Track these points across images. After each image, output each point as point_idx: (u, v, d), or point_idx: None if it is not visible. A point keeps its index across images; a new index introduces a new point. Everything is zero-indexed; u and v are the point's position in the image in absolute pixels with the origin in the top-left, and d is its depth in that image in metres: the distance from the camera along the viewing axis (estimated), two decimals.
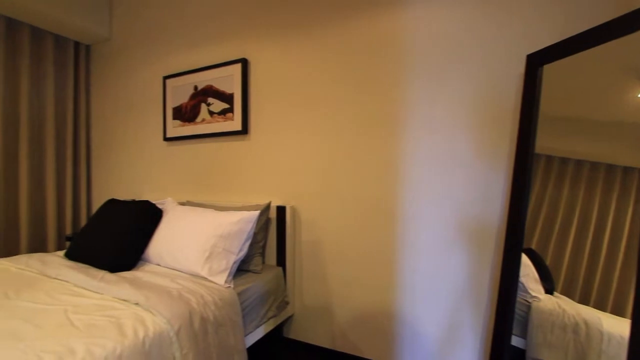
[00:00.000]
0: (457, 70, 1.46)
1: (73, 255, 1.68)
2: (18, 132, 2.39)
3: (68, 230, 2.65)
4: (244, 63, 1.95)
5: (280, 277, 1.77)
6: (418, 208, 1.55)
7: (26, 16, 2.29)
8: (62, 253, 1.83)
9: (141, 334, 1.02)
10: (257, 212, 1.58)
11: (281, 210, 1.81)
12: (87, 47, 2.80)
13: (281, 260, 1.83)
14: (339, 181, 1.73)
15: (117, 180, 2.68)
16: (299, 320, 1.88)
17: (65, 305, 1.16)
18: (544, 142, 1.24)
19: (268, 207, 1.77)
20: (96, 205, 2.83)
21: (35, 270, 1.53)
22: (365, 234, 1.67)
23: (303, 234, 1.84)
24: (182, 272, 1.53)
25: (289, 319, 1.89)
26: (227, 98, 2.01)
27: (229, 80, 2.00)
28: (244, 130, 1.96)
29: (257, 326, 1.57)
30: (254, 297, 1.54)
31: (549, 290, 1.22)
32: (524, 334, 1.27)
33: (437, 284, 1.51)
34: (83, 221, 2.77)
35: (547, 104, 1.23)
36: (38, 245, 2.50)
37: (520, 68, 1.34)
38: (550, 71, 1.22)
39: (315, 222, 1.80)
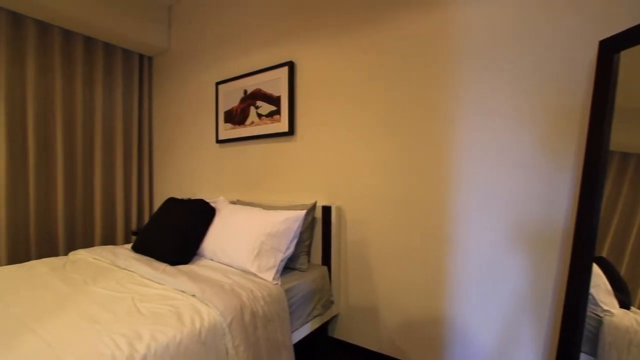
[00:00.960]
0: (515, 61, 1.36)
1: (138, 248, 1.84)
2: (94, 138, 2.69)
3: (133, 226, 2.93)
4: (291, 66, 2.00)
5: (325, 276, 1.79)
6: (471, 209, 1.46)
7: (101, 34, 2.57)
8: (129, 246, 2.02)
9: (198, 324, 1.09)
10: (303, 212, 1.61)
11: (327, 210, 1.82)
12: (150, 59, 3.06)
13: (326, 260, 1.84)
14: (386, 181, 1.70)
15: (175, 180, 2.89)
16: (344, 320, 1.88)
17: (133, 293, 1.28)
18: (620, 138, 1.11)
19: (314, 206, 1.79)
20: (157, 202, 3.08)
21: (108, 261, 1.71)
22: (413, 236, 1.62)
23: (349, 233, 1.84)
24: (233, 267, 1.61)
25: (334, 318, 1.90)
26: (275, 100, 2.08)
27: (276, 83, 2.06)
28: (291, 132, 2.01)
29: (303, 324, 1.60)
30: (300, 295, 1.57)
31: (625, 304, 1.09)
32: (593, 352, 1.14)
33: (492, 291, 1.42)
34: (146, 217, 3.04)
35: (625, 95, 1.10)
36: (109, 239, 2.79)
37: (590, 55, 1.21)
38: (628, 58, 1.09)
39: (361, 222, 1.79)
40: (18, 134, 2.29)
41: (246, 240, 1.57)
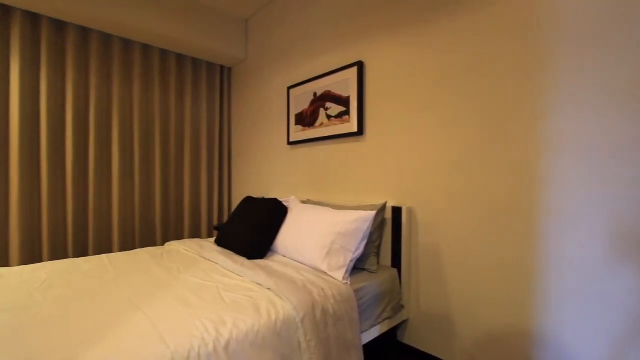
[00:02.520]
0: (622, 32, 1.16)
1: (221, 242, 2.02)
2: (184, 143, 3.04)
3: (215, 221, 3.22)
4: (360, 66, 1.99)
5: (395, 279, 1.74)
6: (566, 212, 1.28)
7: (190, 50, 2.90)
8: (212, 240, 2.24)
9: (273, 316, 1.15)
10: (373, 212, 1.59)
11: (397, 211, 1.78)
12: (229, 69, 3.35)
13: (396, 262, 1.79)
14: (463, 182, 1.59)
15: (250, 180, 3.11)
16: (414, 325, 1.81)
17: (217, 283, 1.41)
18: None
19: (384, 207, 1.76)
20: (235, 200, 3.35)
21: (195, 252, 1.91)
22: (494, 241, 1.48)
23: (420, 236, 1.76)
24: (304, 264, 1.66)
25: (404, 323, 1.84)
26: (344, 101, 2.10)
27: (345, 84, 2.08)
28: (360, 132, 2.01)
29: (372, 326, 1.58)
30: (369, 296, 1.56)
31: None
32: None
33: (595, 310, 1.22)
34: (225, 213, 3.32)
35: None
36: (195, 232, 3.12)
37: None
38: None
39: (434, 224, 1.70)
40: (127, 142, 2.70)
41: (317, 239, 1.62)
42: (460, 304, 1.61)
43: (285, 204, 2.01)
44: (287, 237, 1.80)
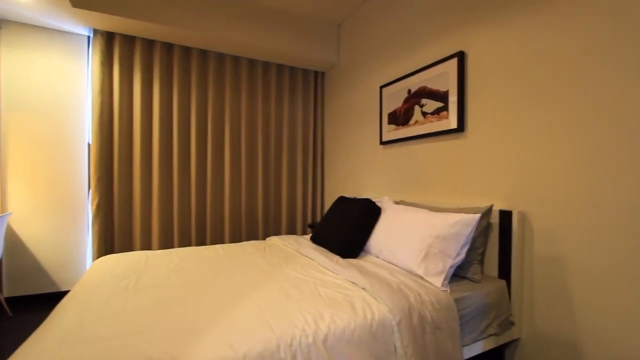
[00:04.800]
0: None
1: (316, 239, 2.12)
2: (282, 146, 3.29)
3: (308, 219, 3.39)
4: (460, 56, 1.84)
5: (503, 291, 1.55)
6: None
7: (288, 60, 3.12)
8: (307, 237, 2.36)
9: (369, 316, 1.15)
10: (477, 216, 1.45)
11: (505, 215, 1.58)
12: (322, 74, 3.49)
13: (504, 273, 1.60)
14: (594, 183, 1.32)
15: (342, 180, 3.17)
16: (527, 347, 1.58)
17: (314, 278, 1.48)
18: None
19: (489, 210, 1.59)
20: (328, 199, 3.47)
21: (293, 248, 2.05)
22: (637, 252, 1.19)
23: (535, 245, 1.53)
24: (398, 267, 1.62)
25: (513, 342, 1.62)
26: (441, 96, 1.97)
27: (443, 77, 1.95)
28: (460, 128, 1.85)
29: (475, 340, 1.44)
30: (472, 308, 1.43)
31: None
32: None
33: None
34: (318, 211, 3.47)
35: None
36: (291, 229, 3.34)
37: None
38: None
39: (554, 233, 1.46)
40: (236, 148, 3.05)
41: (413, 241, 1.56)
42: (591, 325, 1.34)
43: (378, 204, 1.99)
44: (381, 238, 1.78)
